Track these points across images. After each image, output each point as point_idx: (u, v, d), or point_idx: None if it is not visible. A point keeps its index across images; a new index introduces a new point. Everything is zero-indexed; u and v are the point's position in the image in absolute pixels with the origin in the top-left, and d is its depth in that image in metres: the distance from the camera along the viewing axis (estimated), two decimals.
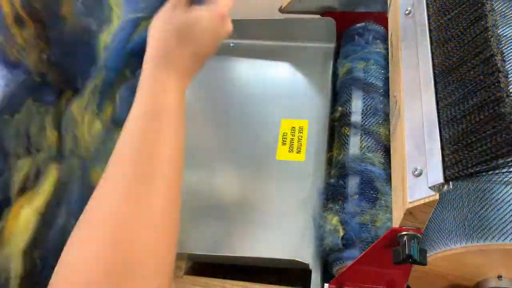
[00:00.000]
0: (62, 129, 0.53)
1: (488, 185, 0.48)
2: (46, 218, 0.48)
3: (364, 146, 0.59)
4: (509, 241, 0.45)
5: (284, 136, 0.66)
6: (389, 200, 0.53)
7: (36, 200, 0.49)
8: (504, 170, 0.37)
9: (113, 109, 0.53)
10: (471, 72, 0.42)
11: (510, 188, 0.47)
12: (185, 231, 0.59)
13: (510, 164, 0.36)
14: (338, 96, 0.68)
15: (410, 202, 0.41)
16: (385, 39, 0.71)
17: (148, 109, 0.43)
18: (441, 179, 0.39)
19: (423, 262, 0.42)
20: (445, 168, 0.39)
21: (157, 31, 0.47)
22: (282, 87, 0.72)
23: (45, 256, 0.47)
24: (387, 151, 0.57)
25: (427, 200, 0.40)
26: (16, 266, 0.46)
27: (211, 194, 0.61)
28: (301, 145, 0.65)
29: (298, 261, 0.54)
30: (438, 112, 0.43)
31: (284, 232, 0.58)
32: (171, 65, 0.45)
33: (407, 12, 0.54)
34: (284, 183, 0.62)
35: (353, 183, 0.56)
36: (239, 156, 0.65)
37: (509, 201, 0.46)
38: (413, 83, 0.48)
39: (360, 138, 0.59)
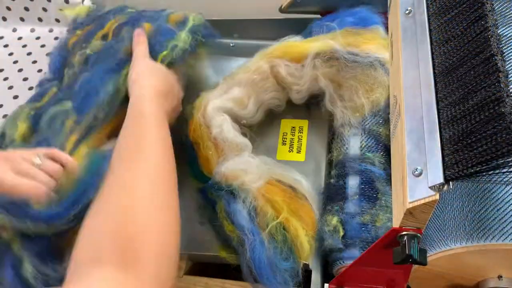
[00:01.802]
0: None
1: (488, 185, 0.48)
2: None
3: (364, 146, 0.59)
4: (509, 241, 0.45)
5: (284, 136, 0.66)
6: (389, 200, 0.53)
7: None
8: (504, 170, 0.37)
9: None
10: (471, 72, 0.42)
11: (510, 188, 0.47)
12: (186, 232, 0.59)
13: (510, 164, 0.36)
14: None
15: (410, 202, 0.41)
16: None
17: (135, 113, 0.53)
18: (441, 179, 0.39)
19: (423, 262, 0.42)
20: (445, 168, 0.39)
21: (145, 75, 0.57)
22: None
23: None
24: (387, 151, 0.57)
25: (427, 200, 0.40)
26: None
27: None
28: (301, 145, 0.65)
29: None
30: (438, 112, 0.43)
31: None
32: (160, 103, 0.55)
33: (407, 12, 0.54)
34: None
35: (353, 183, 0.56)
36: None
37: (509, 201, 0.46)
38: (413, 83, 0.48)
39: (360, 138, 0.59)
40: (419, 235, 0.42)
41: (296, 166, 0.61)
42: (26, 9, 0.93)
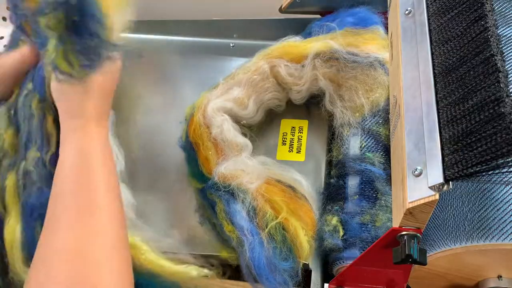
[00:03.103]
0: None
1: (488, 185, 0.48)
2: None
3: (364, 146, 0.59)
4: (509, 241, 0.45)
5: (284, 136, 0.66)
6: (389, 200, 0.53)
7: None
8: (504, 170, 0.37)
9: None
10: (471, 72, 0.42)
11: (510, 188, 0.47)
12: (186, 232, 0.59)
13: (510, 164, 0.36)
14: None
15: (410, 202, 0.41)
16: None
17: (76, 155, 0.48)
18: (441, 179, 0.39)
19: (423, 262, 0.42)
20: (445, 168, 0.39)
21: (62, 92, 0.51)
22: None
23: None
24: (387, 151, 0.57)
25: (427, 200, 0.40)
26: None
27: None
28: (301, 145, 0.65)
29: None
30: (438, 112, 0.43)
31: None
32: (86, 117, 0.50)
33: (407, 12, 0.54)
34: None
35: (353, 183, 0.56)
36: None
37: (509, 201, 0.46)
38: (413, 83, 0.48)
39: (360, 138, 0.59)
40: (418, 235, 0.42)
41: (296, 166, 0.61)
42: None
